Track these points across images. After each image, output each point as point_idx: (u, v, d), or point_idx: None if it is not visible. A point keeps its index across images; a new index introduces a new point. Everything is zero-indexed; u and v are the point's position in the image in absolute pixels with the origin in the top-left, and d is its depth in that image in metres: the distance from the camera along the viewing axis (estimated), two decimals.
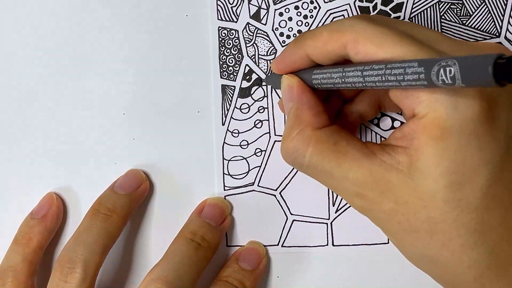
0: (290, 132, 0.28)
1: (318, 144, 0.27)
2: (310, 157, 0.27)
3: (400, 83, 0.23)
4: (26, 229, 0.34)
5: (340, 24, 0.26)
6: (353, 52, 0.25)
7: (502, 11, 0.34)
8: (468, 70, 0.19)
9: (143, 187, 0.34)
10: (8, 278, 0.32)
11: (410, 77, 0.22)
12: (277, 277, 0.35)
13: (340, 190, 0.27)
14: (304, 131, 0.27)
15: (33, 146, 0.35)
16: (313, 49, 0.27)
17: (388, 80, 0.23)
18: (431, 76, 0.21)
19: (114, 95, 0.35)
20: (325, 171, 0.27)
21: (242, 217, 0.35)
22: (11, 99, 0.35)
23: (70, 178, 0.35)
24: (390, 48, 0.24)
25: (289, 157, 0.28)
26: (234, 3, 0.34)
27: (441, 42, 0.25)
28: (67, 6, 0.34)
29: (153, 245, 0.35)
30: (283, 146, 0.28)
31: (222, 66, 0.34)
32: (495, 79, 0.19)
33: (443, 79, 0.20)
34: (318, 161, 0.27)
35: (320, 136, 0.27)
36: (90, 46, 0.34)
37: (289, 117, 0.29)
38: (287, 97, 0.29)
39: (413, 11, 0.34)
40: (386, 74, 0.23)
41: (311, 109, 0.28)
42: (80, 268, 0.31)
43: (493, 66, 0.18)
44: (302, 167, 0.27)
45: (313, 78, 0.28)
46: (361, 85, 0.25)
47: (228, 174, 0.35)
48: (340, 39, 0.26)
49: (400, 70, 0.22)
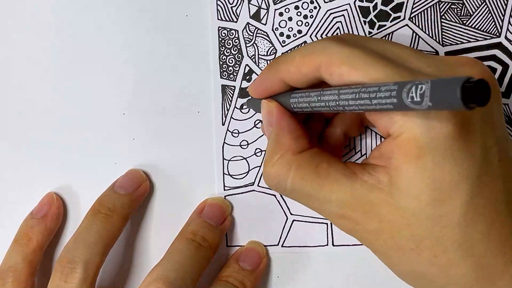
0: (271, 158, 0.28)
1: (299, 168, 0.27)
2: (292, 182, 0.27)
3: (372, 101, 0.23)
4: (26, 229, 0.34)
5: (312, 47, 0.26)
6: (327, 74, 0.26)
7: (503, 11, 0.34)
8: (438, 91, 0.19)
9: (143, 187, 0.34)
10: (9, 278, 0.32)
11: (382, 95, 0.22)
12: (277, 277, 0.35)
13: (324, 213, 0.27)
14: (285, 156, 0.27)
15: (33, 146, 0.35)
16: (287, 73, 0.27)
17: (361, 98, 0.23)
18: (402, 93, 0.21)
19: (114, 95, 0.35)
20: (308, 195, 0.27)
21: (242, 217, 0.35)
22: (11, 99, 0.35)
23: (70, 178, 0.35)
24: (363, 69, 0.24)
25: (271, 183, 0.28)
26: (234, 3, 0.34)
27: (412, 58, 0.25)
28: (67, 6, 0.34)
29: (153, 245, 0.35)
30: (265, 172, 0.28)
31: (222, 66, 0.34)
32: (463, 102, 0.19)
33: (413, 96, 0.20)
34: (301, 185, 0.27)
35: (301, 160, 0.27)
36: (90, 46, 0.34)
37: (269, 142, 0.29)
38: (267, 122, 0.29)
39: (413, 11, 0.34)
40: (361, 92, 0.23)
41: (290, 134, 0.28)
42: (81, 268, 0.31)
43: (461, 89, 0.18)
44: (285, 191, 0.28)
45: (291, 102, 0.28)
46: (335, 103, 0.25)
47: (228, 174, 0.35)
48: (313, 62, 0.26)
49: (374, 88, 0.22)
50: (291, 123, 0.28)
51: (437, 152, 0.23)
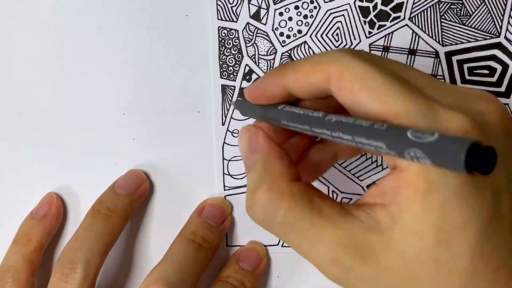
0: (260, 185, 0.24)
1: (293, 198, 0.24)
2: (284, 213, 0.24)
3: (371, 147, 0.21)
4: (26, 229, 0.34)
5: (325, 55, 0.24)
6: (336, 88, 0.23)
7: (502, 11, 0.34)
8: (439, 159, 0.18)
9: (143, 187, 0.34)
10: (8, 278, 0.32)
11: (384, 151, 0.21)
12: (277, 277, 0.35)
13: (314, 256, 0.23)
14: (277, 184, 0.24)
15: (33, 146, 0.35)
16: (294, 81, 0.25)
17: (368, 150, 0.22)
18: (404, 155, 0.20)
19: (114, 95, 0.35)
20: (298, 231, 0.24)
21: (242, 217, 0.35)
22: (11, 99, 0.35)
23: (70, 178, 0.35)
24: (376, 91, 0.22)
25: (258, 213, 0.24)
26: (234, 3, 0.34)
27: (429, 85, 0.23)
28: (67, 6, 0.34)
29: (153, 245, 0.35)
30: (251, 201, 0.25)
31: (222, 66, 0.34)
32: (467, 169, 0.18)
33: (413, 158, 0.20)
34: (292, 218, 0.23)
35: (295, 190, 0.24)
36: (90, 46, 0.34)
37: (255, 169, 0.25)
38: (248, 148, 0.26)
39: (413, 11, 0.34)
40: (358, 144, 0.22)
41: (282, 159, 0.25)
42: (81, 268, 0.31)
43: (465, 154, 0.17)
44: (273, 224, 0.24)
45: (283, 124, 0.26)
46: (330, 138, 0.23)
47: (228, 174, 0.35)
48: (324, 72, 0.23)
49: (371, 148, 0.21)
50: (279, 148, 0.26)
51: (447, 189, 0.21)
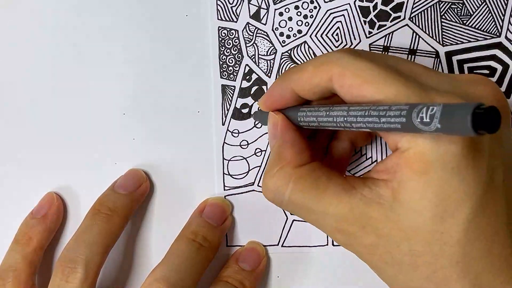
0: (271, 169, 0.28)
1: (298, 181, 0.27)
2: (290, 194, 0.27)
3: (380, 119, 0.23)
4: (26, 229, 0.34)
5: (326, 57, 0.26)
6: (338, 85, 0.25)
7: (503, 11, 0.34)
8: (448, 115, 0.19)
9: (143, 187, 0.34)
10: (9, 278, 0.32)
11: (392, 113, 0.22)
12: (277, 277, 0.35)
13: (322, 226, 0.27)
14: (285, 168, 0.27)
15: (33, 146, 0.35)
16: (299, 83, 0.27)
17: (370, 115, 0.23)
18: (412, 113, 0.21)
19: (114, 95, 0.35)
20: (305, 208, 0.27)
21: (242, 217, 0.35)
22: (11, 99, 0.35)
23: (70, 178, 0.35)
24: (374, 83, 0.24)
25: (269, 194, 0.28)
26: (234, 3, 0.34)
27: (426, 75, 0.25)
28: (67, 6, 0.34)
29: (153, 245, 0.35)
30: (264, 183, 0.28)
31: (222, 66, 0.34)
32: (473, 128, 0.19)
33: (422, 117, 0.20)
34: (298, 198, 0.27)
35: (301, 173, 0.27)
36: (90, 46, 0.34)
37: (271, 154, 0.29)
38: (271, 134, 0.29)
39: (413, 11, 0.34)
40: (371, 109, 0.23)
41: (293, 147, 0.28)
42: (81, 268, 0.31)
43: (471, 116, 0.19)
44: (283, 203, 0.28)
45: (299, 116, 0.28)
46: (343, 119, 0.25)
47: (228, 174, 0.35)
48: (326, 72, 0.26)
49: (385, 107, 0.23)
50: (294, 136, 0.28)
51: (444, 169, 0.23)
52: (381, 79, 0.24)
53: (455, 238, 0.24)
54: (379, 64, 0.25)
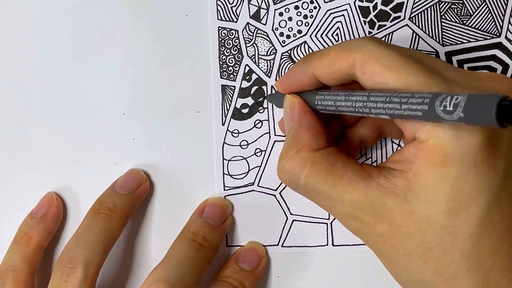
0: (287, 152, 0.28)
1: (314, 165, 0.27)
2: (305, 178, 0.27)
3: (401, 106, 0.23)
4: (26, 229, 0.34)
5: (349, 43, 0.26)
6: (360, 72, 0.25)
7: (503, 11, 0.34)
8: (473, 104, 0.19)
9: (143, 187, 0.34)
10: (8, 278, 0.32)
11: (415, 101, 0.22)
12: (277, 277, 0.35)
13: (335, 212, 0.27)
14: (301, 152, 0.27)
15: (33, 146, 0.35)
16: (320, 68, 0.27)
17: (392, 101, 0.23)
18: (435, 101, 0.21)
19: (114, 95, 0.35)
20: (320, 193, 0.27)
21: (242, 217, 0.35)
22: (11, 99, 0.35)
23: (70, 178, 0.35)
24: (396, 71, 0.24)
25: (284, 177, 0.28)
26: (234, 3, 0.34)
27: (446, 69, 0.25)
28: (67, 6, 0.34)
29: (153, 245, 0.35)
30: (279, 166, 0.28)
31: (222, 66, 0.34)
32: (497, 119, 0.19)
33: (446, 105, 0.20)
34: (314, 182, 0.27)
35: (317, 157, 0.27)
36: (90, 46, 0.34)
37: (288, 136, 0.28)
38: (288, 117, 0.29)
39: (413, 11, 0.34)
40: (393, 96, 0.23)
41: (310, 130, 0.28)
42: (81, 268, 0.31)
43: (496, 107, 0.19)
44: (298, 187, 0.28)
45: (317, 99, 0.28)
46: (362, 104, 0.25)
47: (228, 174, 0.35)
48: (348, 58, 0.26)
49: (407, 94, 0.22)
50: (312, 120, 0.28)
51: (462, 162, 0.23)
52: (404, 67, 0.24)
53: (467, 233, 0.24)
54: (403, 53, 0.25)
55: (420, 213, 0.24)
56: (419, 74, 0.24)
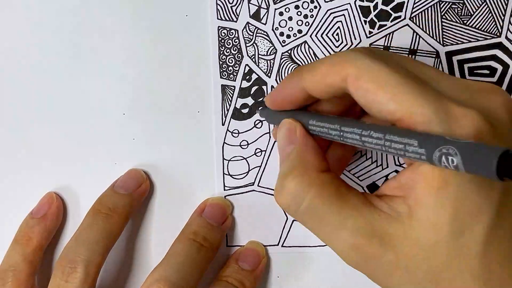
0: (291, 172, 0.26)
1: (321, 187, 0.26)
2: (311, 199, 0.25)
3: (402, 157, 0.22)
4: (26, 229, 0.34)
5: (341, 56, 0.25)
6: (353, 88, 0.25)
7: (503, 11, 0.34)
8: (471, 162, 0.19)
9: (143, 186, 0.34)
10: (9, 278, 0.32)
11: (411, 155, 0.22)
12: (277, 277, 0.35)
13: (336, 241, 0.25)
14: (308, 172, 0.26)
15: (33, 145, 0.35)
16: (311, 83, 0.26)
17: (389, 152, 0.23)
18: (433, 161, 0.21)
19: (114, 95, 0.35)
20: (323, 217, 0.25)
21: (242, 217, 0.35)
22: (11, 99, 0.35)
23: (70, 178, 0.35)
24: (392, 91, 0.23)
25: (286, 198, 0.26)
26: (234, 3, 0.34)
27: (439, 79, 0.25)
28: (67, 6, 0.34)
29: (153, 245, 0.35)
30: (281, 185, 0.26)
31: (222, 66, 0.34)
32: (498, 175, 0.18)
33: (446, 165, 0.20)
34: (319, 204, 0.25)
35: (324, 179, 0.26)
36: (90, 46, 0.34)
37: (289, 158, 0.27)
38: (287, 139, 0.28)
39: (413, 10, 0.34)
40: (386, 146, 0.23)
41: (316, 152, 0.27)
42: (81, 268, 0.31)
43: (497, 163, 0.18)
44: (299, 210, 0.26)
45: (310, 129, 0.28)
46: (357, 141, 0.25)
47: (228, 174, 0.35)
48: (341, 72, 0.25)
49: (400, 146, 0.22)
50: (315, 143, 0.27)
51: (462, 183, 0.23)
52: (398, 87, 0.23)
53: (474, 251, 0.23)
54: (396, 69, 0.24)
55: (425, 239, 0.23)
56: (413, 93, 0.23)
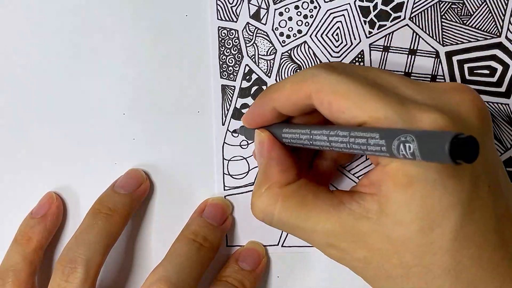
0: (259, 189, 0.28)
1: (285, 201, 0.27)
2: (278, 214, 0.27)
3: (364, 152, 0.23)
4: (26, 229, 0.34)
5: (302, 74, 0.26)
6: (317, 102, 0.26)
7: (503, 11, 0.34)
8: (426, 148, 0.20)
9: (143, 186, 0.34)
10: (9, 278, 0.32)
11: (373, 148, 0.22)
12: (277, 277, 0.35)
13: (313, 243, 0.27)
14: (272, 188, 0.28)
15: (33, 145, 0.35)
16: (279, 101, 0.27)
17: (353, 148, 0.23)
18: (393, 150, 0.21)
19: (114, 95, 0.35)
20: (294, 226, 0.27)
21: (242, 217, 0.35)
22: (11, 99, 0.35)
23: (70, 178, 0.35)
24: (353, 98, 0.24)
25: (258, 215, 0.29)
26: (234, 3, 0.34)
27: (402, 85, 0.26)
28: (67, 6, 0.34)
29: (153, 245, 0.35)
30: (252, 204, 0.29)
31: (222, 66, 0.34)
32: (451, 158, 0.19)
33: (404, 154, 0.21)
34: (287, 217, 0.27)
35: (287, 192, 0.27)
36: (90, 46, 0.34)
37: (259, 173, 0.29)
38: (258, 152, 0.29)
39: (413, 10, 0.34)
40: (350, 142, 0.23)
41: (279, 166, 0.28)
42: (82, 268, 0.31)
43: (449, 146, 0.19)
44: (272, 223, 0.28)
45: (283, 137, 0.28)
46: (328, 149, 0.25)
47: (228, 174, 0.35)
48: (303, 90, 0.26)
49: (363, 140, 0.23)
50: (280, 154, 0.29)
51: (427, 181, 0.23)
52: (358, 95, 0.24)
53: (445, 248, 0.24)
54: (356, 79, 0.25)
55: (395, 235, 0.24)
56: (374, 99, 0.24)
